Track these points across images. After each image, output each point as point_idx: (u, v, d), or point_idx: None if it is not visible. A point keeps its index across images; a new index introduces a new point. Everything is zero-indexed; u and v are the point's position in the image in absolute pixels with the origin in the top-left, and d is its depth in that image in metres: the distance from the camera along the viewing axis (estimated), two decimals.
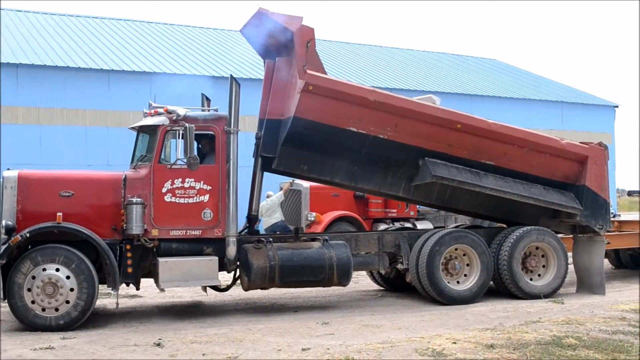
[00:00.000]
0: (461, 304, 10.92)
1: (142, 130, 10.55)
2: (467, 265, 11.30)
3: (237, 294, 12.17)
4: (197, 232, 10.02)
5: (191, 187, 9.98)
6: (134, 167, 10.27)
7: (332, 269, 10.38)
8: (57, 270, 9.14)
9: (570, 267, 12.06)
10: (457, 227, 13.15)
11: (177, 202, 9.92)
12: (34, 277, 9.08)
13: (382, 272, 12.31)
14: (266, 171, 11.17)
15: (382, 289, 13.13)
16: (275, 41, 11.01)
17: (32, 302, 9.07)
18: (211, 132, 10.22)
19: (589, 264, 12.19)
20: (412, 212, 18.05)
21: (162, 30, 32.15)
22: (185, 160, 9.78)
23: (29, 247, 9.44)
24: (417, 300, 11.56)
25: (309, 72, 10.31)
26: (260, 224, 14.81)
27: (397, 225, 16.40)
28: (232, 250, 10.08)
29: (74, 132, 23.15)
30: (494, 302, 11.14)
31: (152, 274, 10.11)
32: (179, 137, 9.94)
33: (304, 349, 7.74)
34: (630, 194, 51.23)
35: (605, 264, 13.32)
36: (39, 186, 9.62)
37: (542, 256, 11.77)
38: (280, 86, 10.85)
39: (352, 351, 7.61)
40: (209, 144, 10.41)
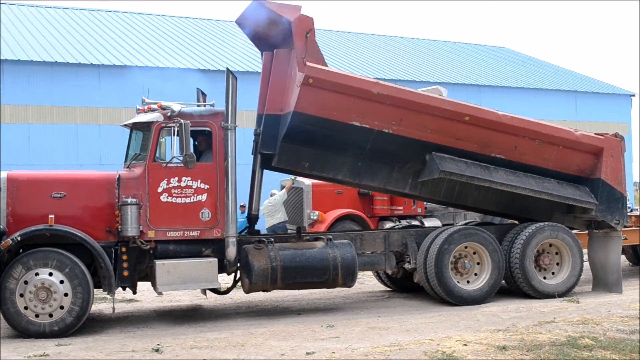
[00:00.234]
0: (472, 304, 10.98)
1: (135, 127, 10.60)
2: (478, 263, 11.36)
3: (238, 296, 12.25)
4: (195, 233, 10.07)
5: (188, 186, 10.04)
6: (128, 166, 10.33)
7: (336, 269, 10.44)
8: (50, 274, 9.22)
9: (585, 264, 12.12)
10: (466, 224, 13.22)
11: (174, 202, 9.98)
12: (26, 282, 9.16)
13: (389, 272, 12.37)
14: (266, 169, 11.22)
15: (388, 289, 13.19)
16: (272, 32, 11.04)
17: (25, 307, 9.14)
18: (208, 129, 10.27)
19: (605, 261, 12.25)
20: (419, 209, 18.12)
21: (155, 22, 32.20)
22: (181, 158, 9.81)
23: (21, 251, 9.50)
24: (426, 301, 11.62)
25: (308, 64, 10.34)
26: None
27: (404, 223, 16.43)
28: (232, 251, 10.14)
29: (64, 131, 23.20)
30: (506, 302, 11.21)
31: (149, 277, 10.19)
32: (174, 134, 9.98)
33: (308, 353, 7.82)
34: None
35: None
36: (29, 187, 9.68)
37: (556, 253, 11.83)
38: (279, 80, 10.88)
39: (358, 355, 7.69)
40: (205, 141, 10.46)
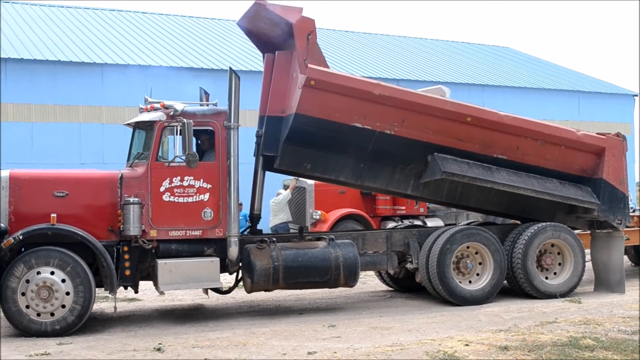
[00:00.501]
0: (473, 304, 10.98)
1: (138, 126, 10.61)
2: (480, 264, 11.36)
3: (240, 296, 12.26)
4: (197, 233, 10.08)
5: (190, 186, 10.04)
6: (131, 166, 10.33)
7: (338, 269, 10.45)
8: (52, 273, 9.23)
9: (587, 264, 12.11)
10: (468, 224, 13.23)
11: (176, 201, 9.99)
12: (28, 281, 9.17)
13: (391, 272, 12.36)
14: (268, 170, 11.21)
15: (390, 289, 13.19)
16: (274, 34, 11.05)
17: (27, 306, 9.16)
18: (210, 128, 10.28)
19: (608, 261, 12.24)
20: (421, 209, 18.11)
21: (158, 21, 32.22)
22: (183, 157, 9.84)
23: (22, 249, 9.51)
24: (428, 301, 11.62)
25: (310, 66, 10.33)
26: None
27: (406, 223, 16.44)
28: (234, 250, 10.15)
29: (67, 129, 23.22)
30: (508, 302, 11.20)
31: (151, 276, 10.20)
32: (176, 134, 9.99)
33: (310, 353, 7.82)
34: None
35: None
36: (31, 186, 9.69)
37: (558, 253, 11.83)
38: (280, 81, 10.87)
39: (360, 354, 7.69)
40: (208, 140, 10.47)
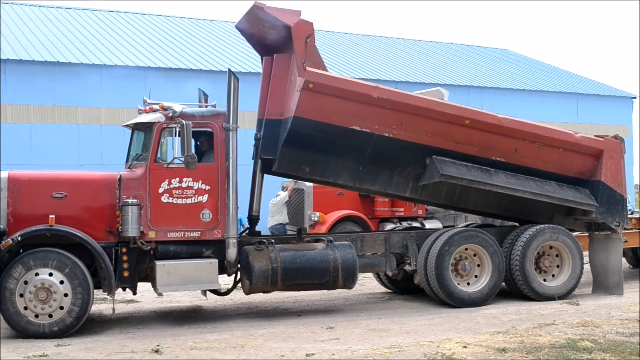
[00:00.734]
0: (472, 306, 10.98)
1: (137, 127, 10.61)
2: (478, 265, 11.37)
3: (238, 297, 12.25)
4: (195, 234, 10.08)
5: (189, 187, 10.04)
6: (129, 167, 10.34)
7: (337, 271, 10.45)
8: (50, 274, 9.22)
9: (585, 266, 12.11)
10: (467, 226, 13.23)
11: (175, 202, 9.98)
12: (26, 282, 9.16)
13: (389, 273, 12.37)
14: (266, 173, 11.19)
15: (389, 291, 13.19)
16: (272, 37, 11.04)
17: (25, 308, 9.14)
18: (209, 129, 10.28)
19: (606, 263, 12.25)
20: (420, 211, 18.13)
21: (157, 22, 32.23)
22: (182, 158, 9.82)
23: (21, 251, 9.50)
24: (426, 302, 11.62)
25: (308, 69, 10.33)
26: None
27: (405, 224, 16.44)
28: (232, 252, 10.15)
29: (65, 131, 23.22)
30: (506, 304, 11.21)
31: (150, 277, 10.20)
32: (175, 135, 9.97)
33: (308, 355, 7.83)
34: None
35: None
36: (30, 187, 9.68)
37: (557, 256, 11.83)
38: (279, 84, 10.85)
39: (358, 356, 7.70)
40: (207, 142, 10.48)
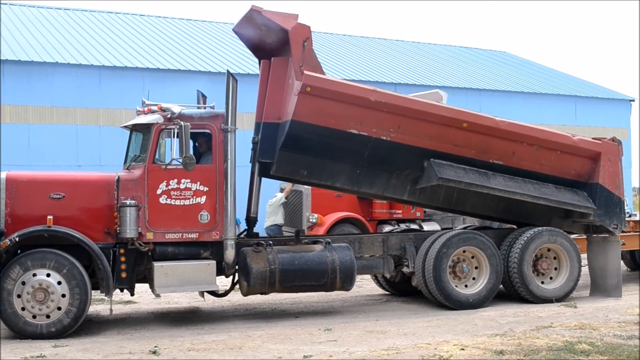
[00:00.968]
0: (469, 308, 10.99)
1: (135, 129, 10.61)
2: (476, 268, 11.37)
3: (236, 299, 12.24)
4: (193, 235, 10.08)
5: (187, 188, 10.04)
6: (127, 168, 10.34)
7: (334, 272, 10.45)
8: (48, 275, 9.22)
9: (583, 269, 12.12)
10: (465, 228, 13.22)
11: (173, 204, 9.98)
12: (23, 283, 9.16)
13: (387, 275, 12.36)
14: (264, 177, 11.19)
15: (387, 293, 13.19)
16: (270, 40, 11.05)
17: (22, 308, 9.14)
18: (208, 131, 10.28)
19: (605, 265, 12.25)
20: (418, 213, 18.11)
21: (156, 24, 32.22)
22: (180, 160, 9.81)
23: (19, 251, 9.50)
24: (424, 305, 11.63)
25: (306, 72, 10.32)
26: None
27: (403, 226, 16.46)
28: (230, 253, 10.15)
29: (64, 131, 23.20)
30: (504, 306, 11.22)
31: (147, 279, 10.20)
32: (174, 136, 9.98)
33: (305, 356, 7.83)
34: None
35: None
36: (28, 188, 9.68)
37: (554, 258, 11.84)
38: (276, 88, 10.84)
39: (355, 358, 7.71)
40: (205, 143, 10.47)
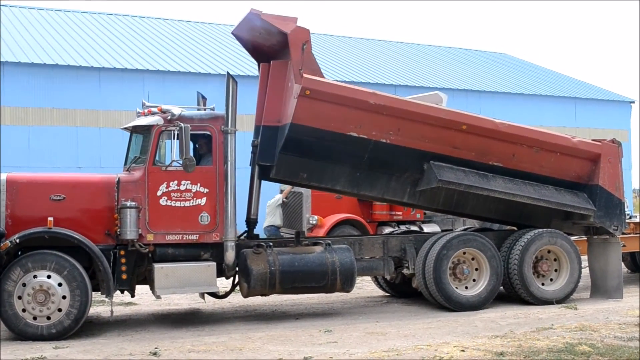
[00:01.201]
0: (470, 310, 11.00)
1: (135, 130, 10.62)
2: (476, 269, 11.37)
3: (236, 300, 12.24)
4: (194, 237, 10.09)
5: (187, 190, 10.05)
6: (128, 170, 10.34)
7: (335, 274, 10.45)
8: (49, 277, 9.23)
9: (584, 271, 12.12)
10: (465, 230, 13.23)
11: (173, 205, 9.99)
12: (24, 285, 9.16)
13: (387, 277, 12.36)
14: (264, 179, 11.20)
15: (387, 294, 13.20)
16: (269, 44, 11.06)
17: (23, 310, 9.15)
18: (208, 132, 10.29)
19: (605, 267, 12.25)
20: (418, 215, 18.11)
21: (156, 25, 32.23)
22: (180, 161, 9.83)
23: (19, 253, 9.51)
24: (424, 306, 11.63)
25: (305, 76, 10.31)
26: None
27: (403, 228, 16.45)
28: (230, 255, 10.16)
29: (64, 133, 23.20)
30: (504, 308, 11.22)
31: (148, 280, 10.20)
32: (174, 138, 10.00)
33: (306, 358, 7.83)
34: None
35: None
36: (28, 190, 9.69)
37: (555, 260, 11.84)
38: (276, 91, 10.85)
39: (356, 359, 7.70)
40: (205, 145, 10.48)
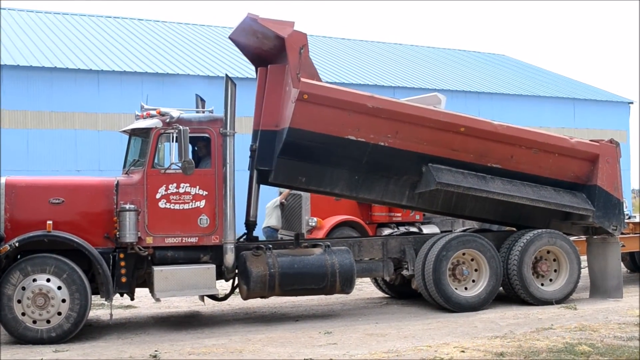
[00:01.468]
0: (469, 310, 11.00)
1: (134, 133, 10.63)
2: (476, 270, 11.38)
3: (236, 303, 12.25)
4: (193, 240, 10.09)
5: (186, 193, 10.05)
6: (127, 172, 10.35)
7: (334, 276, 10.46)
8: (48, 280, 9.23)
9: (583, 271, 12.13)
10: (464, 231, 13.23)
11: (172, 208, 9.99)
12: (24, 288, 9.16)
13: (387, 278, 12.38)
14: (263, 184, 11.20)
15: (386, 296, 13.20)
16: (266, 48, 11.07)
17: (23, 314, 9.15)
18: (206, 135, 10.30)
19: (605, 267, 12.27)
20: (417, 216, 18.09)
21: (154, 28, 32.23)
22: (179, 164, 9.83)
23: (18, 257, 9.52)
24: (424, 307, 11.63)
25: (303, 80, 10.32)
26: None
27: (402, 229, 16.45)
28: (230, 257, 10.16)
29: (62, 136, 23.17)
30: (504, 308, 11.23)
31: (147, 283, 10.20)
32: (173, 140, 10.00)
33: None
34: None
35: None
36: (27, 193, 9.69)
37: (554, 260, 11.85)
38: (273, 95, 10.86)
39: None
40: (204, 147, 10.48)
